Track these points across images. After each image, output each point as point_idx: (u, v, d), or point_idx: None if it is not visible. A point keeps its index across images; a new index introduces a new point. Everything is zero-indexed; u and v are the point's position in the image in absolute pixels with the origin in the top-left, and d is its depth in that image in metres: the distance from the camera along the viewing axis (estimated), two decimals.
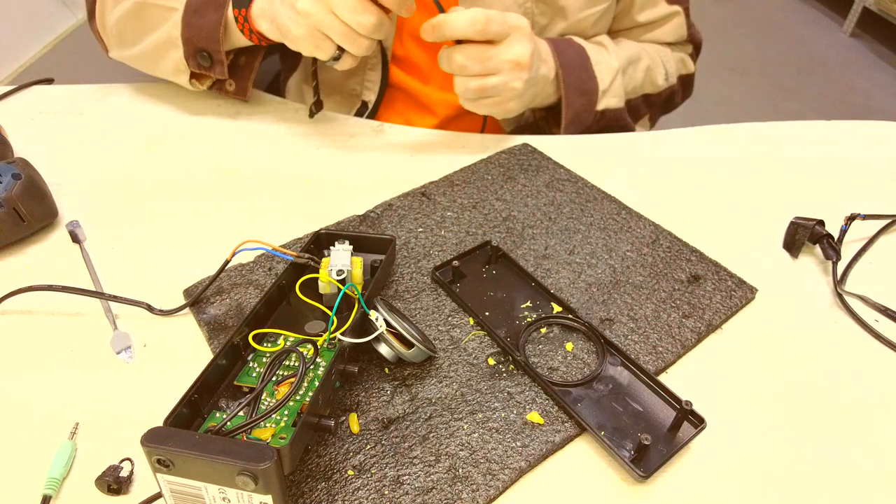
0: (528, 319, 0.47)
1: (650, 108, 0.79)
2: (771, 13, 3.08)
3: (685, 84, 0.84)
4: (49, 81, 0.77)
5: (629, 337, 0.47)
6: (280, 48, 0.82)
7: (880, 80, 2.54)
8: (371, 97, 0.75)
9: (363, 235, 0.50)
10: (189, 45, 0.64)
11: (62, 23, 1.49)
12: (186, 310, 0.48)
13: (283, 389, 0.39)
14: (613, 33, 0.79)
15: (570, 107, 0.68)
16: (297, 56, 0.80)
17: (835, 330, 0.48)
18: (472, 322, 0.48)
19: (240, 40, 0.64)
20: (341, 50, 0.58)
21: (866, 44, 2.80)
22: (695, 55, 0.85)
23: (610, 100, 0.71)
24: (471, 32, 0.57)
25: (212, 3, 0.63)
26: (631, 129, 0.75)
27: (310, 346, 0.42)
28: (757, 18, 3.03)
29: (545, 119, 0.77)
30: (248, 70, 0.68)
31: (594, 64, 0.69)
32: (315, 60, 0.66)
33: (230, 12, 0.62)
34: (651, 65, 0.76)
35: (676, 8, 0.77)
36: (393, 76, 0.75)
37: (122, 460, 0.39)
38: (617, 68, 0.71)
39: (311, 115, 0.70)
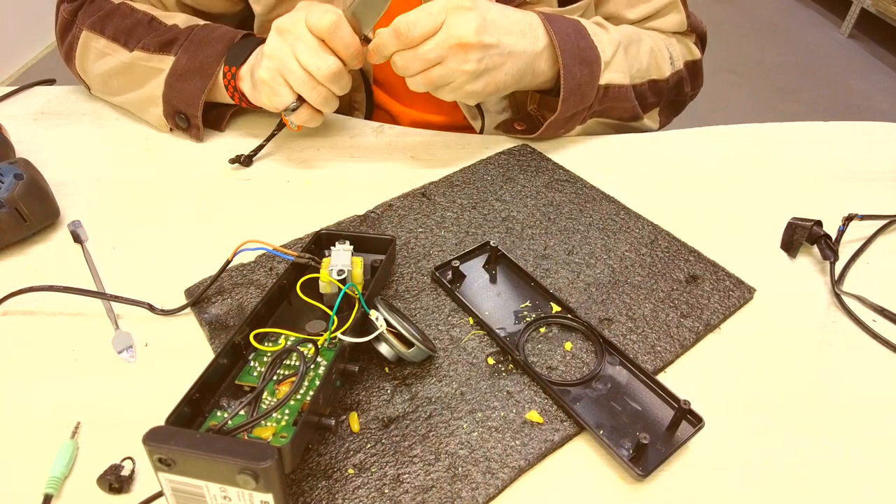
0: (528, 319, 0.48)
1: (658, 96, 0.73)
2: (769, 14, 3.09)
3: (692, 71, 0.78)
4: (51, 82, 0.78)
5: (628, 336, 0.47)
6: None
7: (878, 81, 2.54)
8: (360, 116, 0.76)
9: (364, 235, 0.51)
10: (169, 106, 0.65)
11: None
12: (188, 309, 0.49)
13: (284, 389, 0.39)
14: None
15: (569, 76, 0.62)
16: None
17: (832, 330, 0.49)
18: (471, 322, 0.48)
19: (223, 97, 0.66)
20: (300, 101, 0.58)
21: (864, 45, 2.81)
22: (700, 45, 0.80)
23: (614, 75, 0.65)
24: (401, 44, 0.55)
25: (199, 71, 0.63)
26: (639, 118, 0.71)
27: (310, 345, 0.42)
28: (755, 20, 3.04)
29: (539, 108, 0.71)
30: (216, 123, 0.69)
31: (592, 35, 0.64)
32: (278, 125, 0.65)
33: (221, 70, 0.63)
34: (654, 48, 0.71)
35: None
36: (377, 97, 0.76)
37: (124, 459, 0.39)
38: (618, 40, 0.66)
39: (235, 161, 0.64)
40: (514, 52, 0.59)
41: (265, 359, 0.42)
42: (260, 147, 0.65)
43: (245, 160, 0.64)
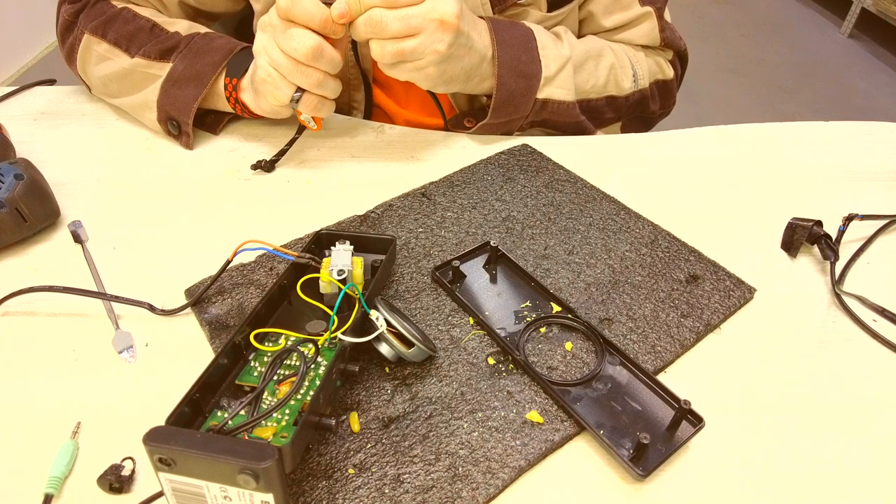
0: (528, 319, 0.48)
1: (617, 112, 0.73)
2: (769, 14, 3.09)
3: (662, 91, 0.77)
4: (51, 82, 0.78)
5: (628, 336, 0.47)
6: None
7: (878, 81, 2.54)
8: (358, 115, 0.76)
9: (364, 235, 0.51)
10: (162, 111, 0.65)
11: None
12: (188, 309, 0.49)
13: (285, 388, 0.39)
14: (581, 37, 0.75)
15: (502, 86, 0.63)
16: None
17: (833, 330, 0.49)
18: (471, 322, 0.48)
19: (222, 105, 0.66)
20: (301, 90, 0.57)
21: (864, 45, 2.81)
22: (678, 63, 0.79)
23: (555, 90, 0.65)
24: (383, 1, 0.53)
25: (195, 79, 0.63)
26: (590, 132, 0.71)
27: (311, 345, 0.42)
28: (755, 19, 3.04)
29: (474, 109, 0.71)
30: (212, 126, 0.69)
31: (540, 48, 0.65)
32: (298, 129, 0.65)
33: (221, 81, 0.64)
34: (616, 63, 0.71)
35: (647, 9, 0.72)
36: (376, 97, 0.76)
37: (124, 459, 0.39)
38: (567, 57, 0.66)
39: (257, 167, 0.64)
40: (473, 48, 0.60)
41: (265, 359, 0.42)
42: (282, 152, 0.64)
43: (267, 165, 0.63)
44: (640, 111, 0.76)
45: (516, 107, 0.65)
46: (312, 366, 0.41)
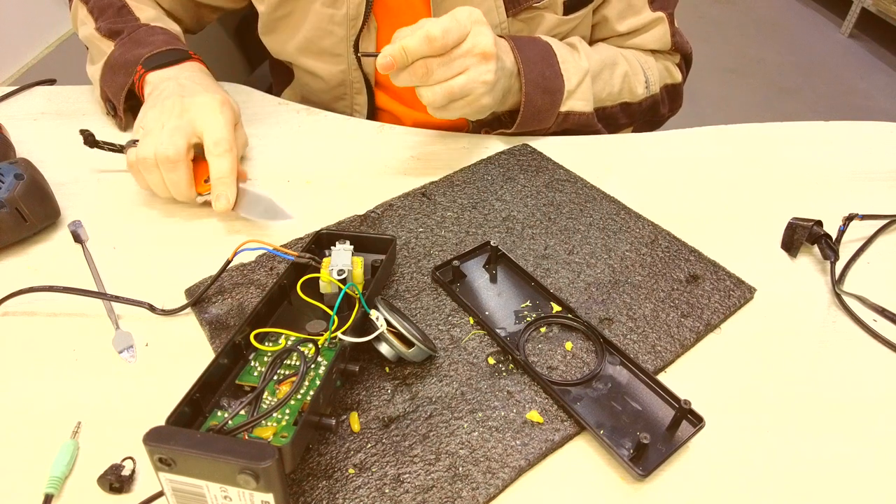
0: (528, 319, 0.48)
1: (630, 117, 0.75)
2: (769, 14, 3.09)
3: (671, 95, 0.79)
4: (51, 82, 0.78)
5: (628, 336, 0.47)
6: (274, 66, 0.84)
7: (878, 81, 2.54)
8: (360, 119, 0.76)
9: (364, 235, 0.51)
10: (102, 91, 0.69)
11: (64, 24, 1.50)
12: (188, 309, 0.49)
13: (285, 388, 0.39)
14: (593, 43, 0.76)
15: (529, 103, 0.64)
16: (288, 72, 0.81)
17: (833, 330, 0.49)
18: (472, 321, 0.48)
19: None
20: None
21: (864, 44, 2.81)
22: (684, 66, 0.80)
23: (576, 102, 0.67)
24: (431, 50, 0.54)
25: (124, 67, 0.66)
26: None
27: (311, 345, 0.42)
28: (756, 19, 3.04)
29: (504, 117, 0.72)
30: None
31: (561, 62, 0.66)
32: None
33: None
34: (629, 71, 0.72)
35: (660, 14, 0.73)
36: (378, 99, 0.76)
37: (124, 459, 0.39)
38: (586, 69, 0.67)
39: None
40: (504, 69, 0.61)
41: (266, 359, 0.42)
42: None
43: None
44: (651, 115, 0.78)
45: (540, 121, 0.67)
46: (312, 366, 0.41)
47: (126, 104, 0.67)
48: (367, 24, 0.68)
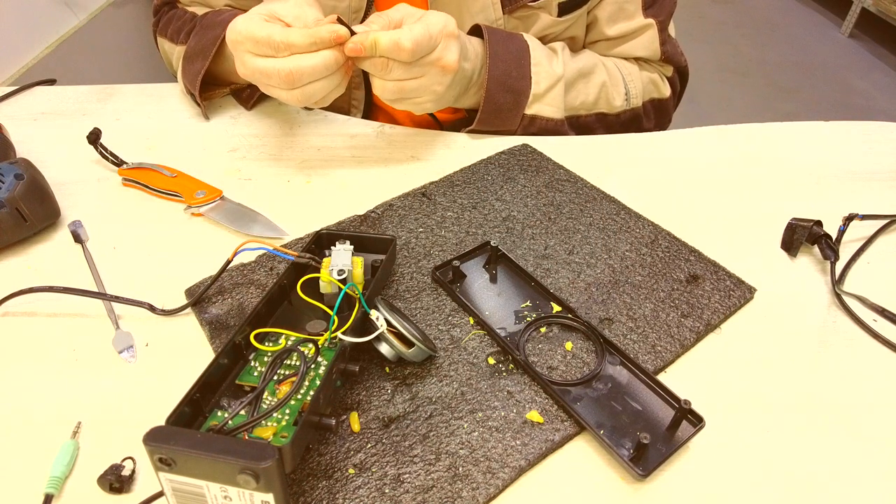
0: (528, 319, 0.48)
1: (607, 129, 0.74)
2: (769, 14, 3.09)
3: (657, 110, 0.77)
4: (51, 82, 0.78)
5: (628, 336, 0.47)
6: None
7: (878, 81, 2.54)
8: (357, 115, 0.77)
9: (364, 235, 0.51)
10: (183, 86, 0.71)
11: (64, 24, 1.50)
12: (188, 309, 0.49)
13: (285, 388, 0.39)
14: (583, 46, 0.76)
15: (490, 99, 0.64)
16: None
17: (833, 330, 0.49)
18: (472, 321, 0.48)
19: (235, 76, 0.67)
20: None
21: (865, 44, 2.81)
22: (678, 79, 0.79)
23: (543, 107, 0.67)
24: (396, 56, 0.54)
25: (200, 53, 0.67)
26: None
27: (311, 345, 0.42)
28: (756, 19, 3.04)
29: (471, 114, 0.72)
30: (247, 101, 0.73)
31: (533, 64, 0.66)
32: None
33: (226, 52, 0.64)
34: (608, 81, 0.71)
35: (650, 21, 0.72)
36: (377, 97, 0.76)
37: (124, 459, 0.39)
38: (560, 76, 0.67)
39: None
40: (464, 76, 0.63)
41: (266, 359, 0.42)
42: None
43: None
44: (633, 129, 0.76)
45: (503, 120, 0.67)
46: (312, 366, 0.41)
47: (204, 95, 0.68)
48: (368, 16, 0.68)
